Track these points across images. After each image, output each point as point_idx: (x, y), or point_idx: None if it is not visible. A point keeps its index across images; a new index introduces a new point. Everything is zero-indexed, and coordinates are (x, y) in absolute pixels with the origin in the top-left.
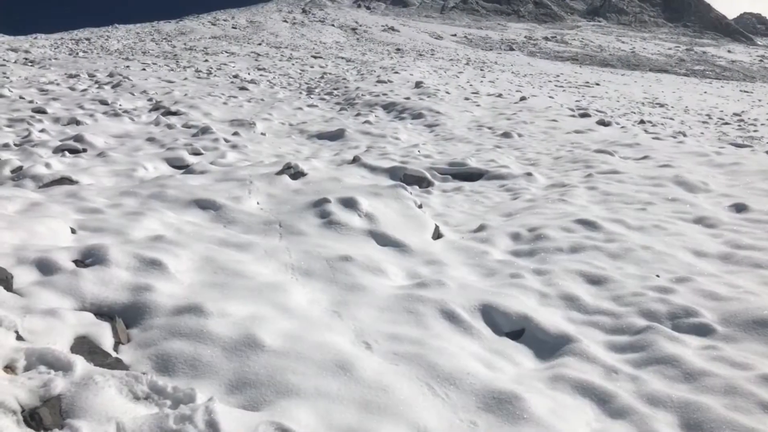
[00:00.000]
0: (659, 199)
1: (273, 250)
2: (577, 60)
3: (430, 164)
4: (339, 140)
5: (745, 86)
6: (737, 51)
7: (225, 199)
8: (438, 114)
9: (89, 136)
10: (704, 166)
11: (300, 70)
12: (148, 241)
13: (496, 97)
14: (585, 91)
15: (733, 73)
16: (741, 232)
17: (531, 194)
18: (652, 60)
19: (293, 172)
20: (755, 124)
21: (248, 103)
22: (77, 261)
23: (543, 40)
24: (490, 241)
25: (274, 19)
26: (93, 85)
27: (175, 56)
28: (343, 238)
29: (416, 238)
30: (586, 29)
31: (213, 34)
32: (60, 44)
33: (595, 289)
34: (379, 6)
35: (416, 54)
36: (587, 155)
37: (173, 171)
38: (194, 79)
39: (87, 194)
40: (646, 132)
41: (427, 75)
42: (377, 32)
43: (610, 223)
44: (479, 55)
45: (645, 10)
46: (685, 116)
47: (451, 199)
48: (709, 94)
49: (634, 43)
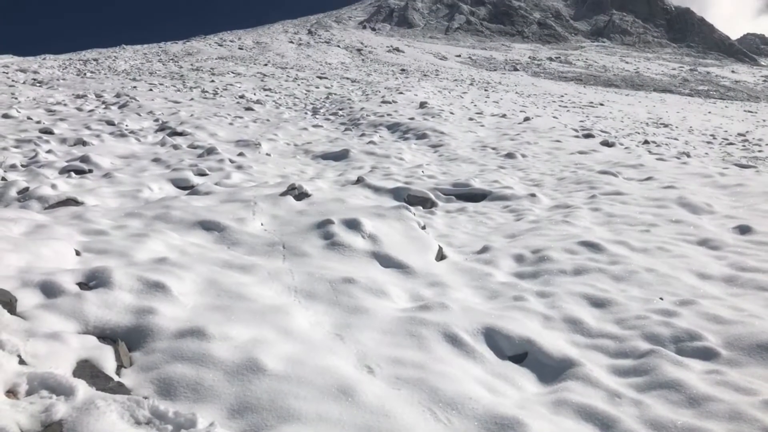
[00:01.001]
0: (663, 221)
1: (276, 272)
2: (581, 80)
3: (434, 185)
4: (343, 160)
5: (750, 106)
6: (741, 71)
7: (229, 220)
8: (442, 134)
9: (95, 157)
10: (708, 188)
11: (305, 91)
12: (152, 264)
13: (500, 118)
14: (589, 112)
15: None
16: (745, 254)
17: (535, 215)
18: (656, 80)
19: (297, 193)
20: (760, 144)
21: (254, 124)
22: (81, 284)
23: (547, 60)
24: (494, 263)
25: (280, 40)
26: (100, 105)
27: (182, 77)
28: (347, 260)
29: (420, 259)
30: (590, 50)
31: (220, 54)
32: (68, 65)
33: (598, 312)
34: (384, 27)
35: (421, 74)
36: (591, 176)
37: (178, 192)
38: (200, 99)
39: (92, 216)
40: (650, 153)
41: (431, 95)
42: (382, 53)
43: (613, 245)
44: (483, 76)
45: (648, 31)
46: (689, 136)
47: (455, 220)
48: (713, 114)
49: (638, 64)
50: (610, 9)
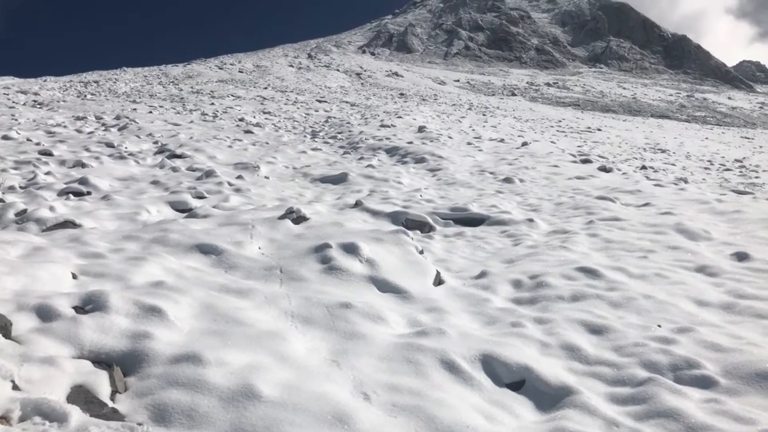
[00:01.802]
0: (661, 247)
1: (273, 297)
2: (578, 105)
3: (432, 209)
4: (342, 184)
5: (746, 132)
6: (737, 98)
7: (227, 243)
8: (440, 158)
9: (94, 179)
10: (706, 214)
11: (305, 114)
12: (148, 287)
13: (498, 142)
14: (587, 137)
15: (733, 119)
16: (743, 281)
17: (532, 240)
18: (653, 106)
19: (295, 216)
20: (756, 171)
21: (253, 147)
22: (77, 307)
23: (545, 85)
24: (492, 288)
25: (280, 63)
26: (100, 127)
27: (182, 99)
28: (344, 285)
29: (417, 284)
30: (588, 75)
31: (220, 77)
32: (69, 87)
33: (596, 339)
34: (384, 52)
35: (419, 99)
36: (589, 201)
37: (176, 215)
38: (200, 122)
39: (90, 238)
40: (648, 178)
41: (430, 120)
42: (381, 77)
43: (611, 271)
44: (482, 101)
45: (646, 57)
46: (686, 162)
47: (453, 244)
48: (710, 140)
49: (635, 89)
50: (607, 36)
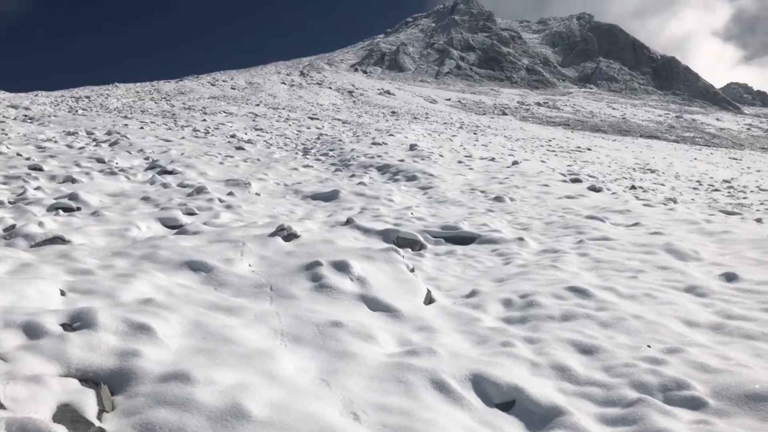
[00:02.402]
0: (650, 267)
1: (263, 315)
2: (568, 125)
3: (423, 227)
4: (333, 201)
5: (734, 153)
6: (725, 119)
7: (217, 261)
8: (431, 177)
9: (84, 195)
10: (695, 234)
11: (297, 131)
12: (137, 305)
13: (488, 161)
14: (576, 156)
15: (722, 140)
16: (732, 301)
17: (523, 259)
18: (642, 126)
19: (286, 233)
20: (744, 191)
21: (244, 163)
22: (65, 325)
23: (535, 105)
24: (482, 307)
25: (272, 80)
26: (90, 143)
27: (174, 115)
28: (334, 303)
29: (408, 302)
30: (578, 95)
31: (212, 94)
32: (60, 102)
33: (586, 359)
34: (376, 70)
35: (411, 117)
36: (579, 221)
37: (166, 231)
38: (192, 138)
39: (79, 255)
40: (637, 198)
41: (421, 138)
42: (373, 95)
43: (601, 291)
44: (473, 119)
45: (635, 78)
46: (675, 182)
47: (444, 262)
48: (699, 160)
49: (624, 110)
50: (597, 56)
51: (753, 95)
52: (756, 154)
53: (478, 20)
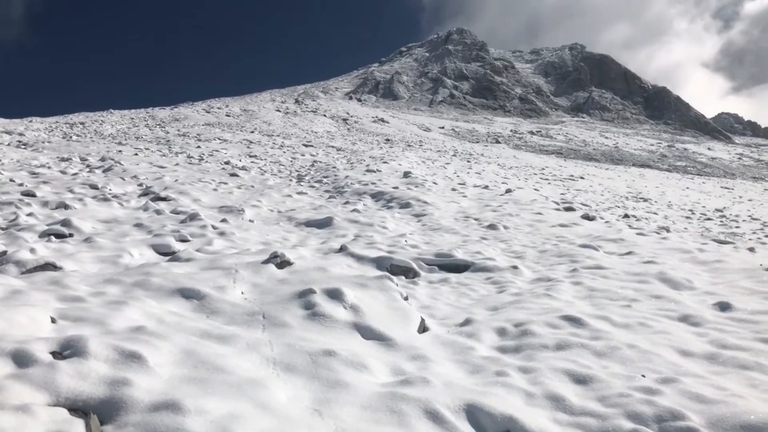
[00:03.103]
0: (644, 296)
1: (255, 343)
2: (561, 154)
3: (417, 254)
4: (327, 228)
5: (726, 183)
6: (717, 148)
7: (209, 288)
8: (425, 204)
9: (77, 221)
10: (688, 263)
11: (291, 158)
12: (128, 332)
13: (482, 189)
14: (570, 185)
15: (713, 169)
16: (726, 331)
17: (517, 288)
18: (635, 155)
19: (279, 261)
20: (737, 220)
21: (238, 190)
22: (55, 353)
23: (528, 134)
24: (476, 336)
25: (267, 108)
26: (84, 169)
27: (168, 142)
28: (327, 331)
29: (402, 331)
30: (570, 124)
31: (207, 121)
32: (54, 128)
33: (581, 389)
34: (370, 99)
35: (405, 145)
36: (572, 249)
37: (159, 258)
38: (186, 164)
39: (70, 281)
40: (630, 227)
41: (415, 165)
42: (367, 123)
43: (595, 320)
44: (466, 147)
45: (627, 108)
46: (668, 211)
47: (438, 290)
48: (691, 189)
49: (617, 139)
50: (589, 86)
51: (743, 125)
52: (747, 184)
53: (472, 50)
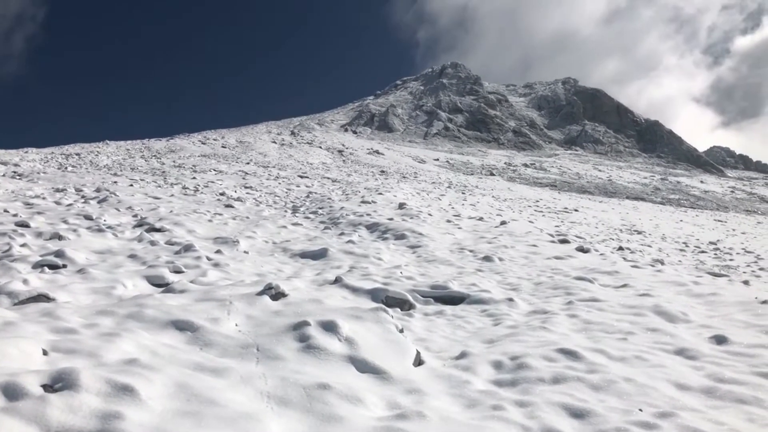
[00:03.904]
0: (640, 329)
1: (249, 376)
2: (555, 186)
3: (413, 286)
4: (322, 259)
5: (719, 215)
6: (709, 181)
7: (203, 320)
8: (420, 235)
9: (70, 252)
10: (683, 296)
11: (286, 189)
12: (121, 365)
13: (477, 221)
14: (564, 217)
15: (706, 202)
16: (722, 365)
17: (513, 320)
18: (628, 188)
19: (274, 292)
20: (731, 253)
21: (233, 221)
22: (46, 386)
23: (522, 166)
24: (472, 370)
25: (263, 139)
26: (79, 199)
27: (164, 173)
28: (322, 364)
29: (397, 364)
30: (564, 157)
31: (202, 152)
32: (50, 158)
33: (578, 423)
34: (365, 131)
35: (400, 176)
36: (567, 282)
37: (153, 289)
38: (181, 195)
39: (63, 313)
40: (625, 259)
41: (410, 197)
42: (363, 155)
43: (591, 353)
44: (461, 179)
45: (620, 141)
46: (662, 243)
47: (433, 323)
48: (684, 222)
49: (610, 172)
50: (582, 120)
51: (735, 158)
52: (740, 216)
53: (466, 84)
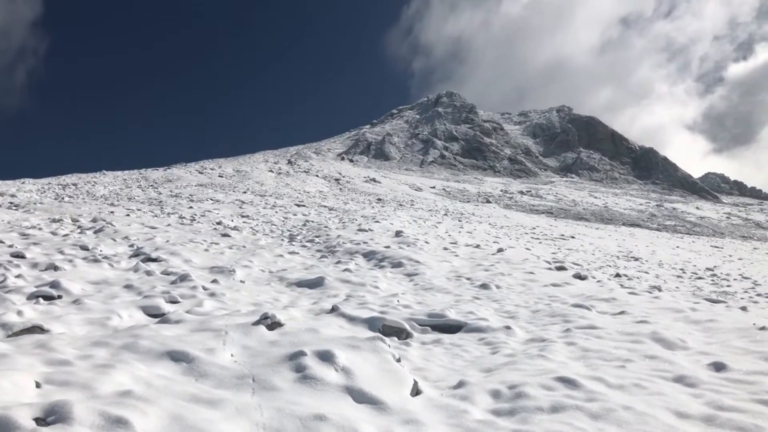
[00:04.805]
0: (638, 356)
1: (244, 408)
2: (552, 213)
3: (410, 315)
4: (318, 288)
5: (715, 242)
6: (705, 208)
7: (198, 350)
8: (417, 263)
9: (66, 283)
10: (681, 323)
11: (283, 218)
12: (115, 397)
13: (474, 248)
14: (561, 244)
15: (703, 228)
16: (721, 392)
17: (510, 349)
18: (624, 215)
19: (270, 322)
20: (728, 279)
21: (230, 250)
22: (38, 419)
23: (518, 193)
24: (470, 399)
25: (260, 168)
26: (75, 230)
27: (160, 202)
28: (318, 395)
29: (394, 394)
30: (560, 184)
31: (199, 181)
32: (47, 189)
33: None
34: (362, 159)
35: (397, 204)
36: (565, 309)
37: (148, 320)
38: (177, 225)
39: (57, 344)
40: (622, 286)
41: (407, 224)
42: (359, 183)
43: (590, 381)
44: (457, 207)
45: (615, 168)
46: (659, 270)
47: (431, 352)
48: (681, 248)
49: (606, 198)
50: (577, 147)
51: (730, 185)
52: (737, 243)
53: (461, 112)
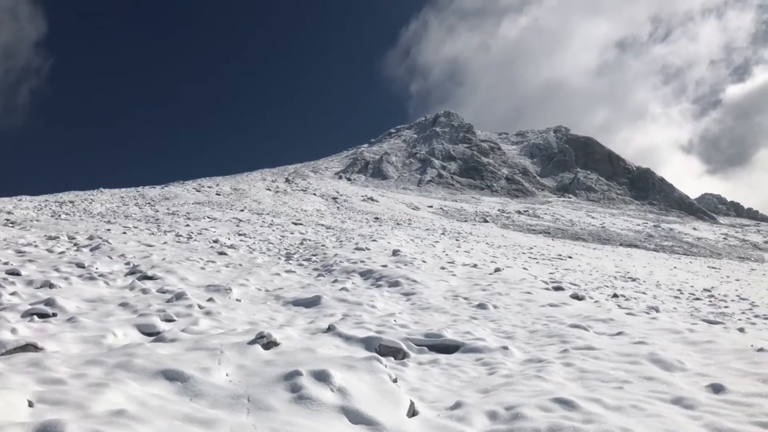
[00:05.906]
0: (636, 378)
1: (239, 428)
2: (549, 233)
3: (407, 334)
4: (315, 307)
5: (713, 262)
6: (702, 228)
7: (193, 370)
8: (414, 282)
9: (61, 300)
10: (679, 344)
11: (280, 236)
12: (109, 416)
13: (471, 267)
14: (558, 264)
15: (700, 249)
16: (720, 414)
17: (508, 369)
18: (621, 235)
19: (266, 341)
20: (725, 300)
21: (226, 268)
22: None
23: (516, 213)
24: (467, 420)
25: (257, 187)
26: (71, 247)
27: (157, 220)
28: (314, 415)
29: (390, 415)
30: (557, 204)
31: (197, 199)
32: (44, 206)
33: None
34: (360, 178)
35: (394, 223)
36: (562, 329)
37: (143, 338)
38: (174, 243)
39: (51, 363)
40: (620, 307)
41: (404, 243)
42: (357, 202)
43: (587, 403)
44: (455, 226)
45: (612, 188)
46: (657, 291)
47: (427, 372)
48: (678, 269)
49: (603, 219)
50: (574, 167)
51: (727, 205)
52: (734, 263)
53: (459, 132)
